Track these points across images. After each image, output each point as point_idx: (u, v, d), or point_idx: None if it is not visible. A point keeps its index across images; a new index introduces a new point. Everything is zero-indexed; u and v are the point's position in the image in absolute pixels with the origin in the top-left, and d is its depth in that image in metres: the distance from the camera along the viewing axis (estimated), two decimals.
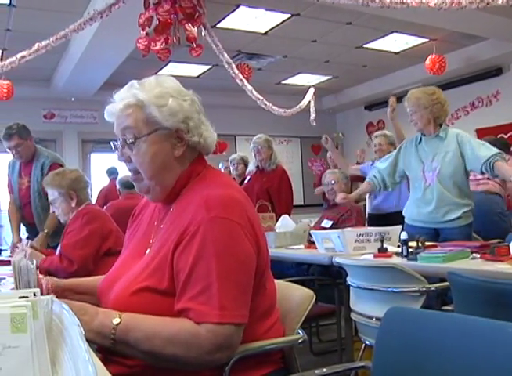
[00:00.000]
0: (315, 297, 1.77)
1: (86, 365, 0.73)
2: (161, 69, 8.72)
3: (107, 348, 1.44)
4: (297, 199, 10.94)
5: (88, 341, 1.33)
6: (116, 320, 1.42)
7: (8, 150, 4.79)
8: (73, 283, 1.90)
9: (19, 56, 5.34)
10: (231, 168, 7.02)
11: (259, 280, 1.53)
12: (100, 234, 3.34)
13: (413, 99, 3.91)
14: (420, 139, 3.99)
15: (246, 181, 6.10)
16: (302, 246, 4.24)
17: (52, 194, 3.48)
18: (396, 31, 7.62)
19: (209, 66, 8.81)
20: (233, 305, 1.40)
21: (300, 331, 1.73)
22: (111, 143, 1.69)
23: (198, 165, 1.65)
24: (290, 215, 5.32)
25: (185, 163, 1.63)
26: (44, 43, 5.27)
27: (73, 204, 3.46)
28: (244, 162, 6.82)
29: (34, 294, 1.00)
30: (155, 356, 1.40)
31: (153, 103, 1.56)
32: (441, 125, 3.91)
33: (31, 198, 4.80)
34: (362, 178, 6.55)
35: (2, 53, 7.57)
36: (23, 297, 0.99)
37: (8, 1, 5.99)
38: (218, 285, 1.38)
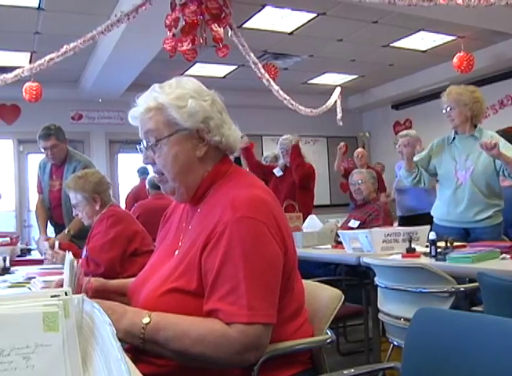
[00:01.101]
0: (343, 297, 1.77)
1: (119, 364, 0.73)
2: (188, 69, 8.76)
3: (136, 347, 1.45)
4: (324, 199, 10.95)
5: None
6: (146, 319, 1.42)
7: (43, 149, 4.81)
8: (121, 284, 1.90)
9: (47, 58, 5.41)
10: None
11: (287, 280, 1.53)
12: (126, 236, 3.35)
13: (454, 94, 3.86)
14: (453, 138, 3.94)
15: (277, 174, 6.14)
16: (329, 246, 4.23)
17: (75, 198, 3.49)
18: (423, 29, 7.54)
19: (235, 67, 8.82)
20: (262, 305, 1.40)
21: (328, 332, 1.72)
22: (137, 146, 1.73)
23: (223, 165, 1.66)
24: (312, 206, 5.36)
25: (209, 163, 1.63)
26: (72, 45, 5.33)
27: (97, 207, 3.47)
28: (277, 160, 6.82)
29: (66, 294, 1.01)
30: (184, 355, 1.41)
31: (173, 105, 1.57)
32: (475, 126, 3.87)
33: (62, 201, 4.81)
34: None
35: (31, 56, 7.68)
36: (55, 296, 1.00)
37: (37, 5, 6.07)
38: (246, 285, 1.38)
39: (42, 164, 5.07)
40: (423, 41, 8.10)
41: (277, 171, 6.21)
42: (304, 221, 4.79)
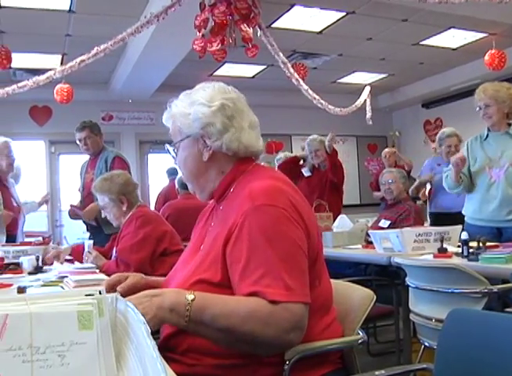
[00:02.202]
0: (375, 297, 1.76)
1: (154, 362, 0.74)
2: (217, 70, 8.79)
3: (165, 345, 1.46)
4: (354, 198, 10.89)
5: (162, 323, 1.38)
6: (190, 296, 1.43)
7: (78, 141, 5.08)
8: (159, 280, 1.90)
9: (78, 60, 5.48)
10: None
11: (311, 268, 1.53)
12: (155, 236, 3.37)
13: (491, 91, 3.81)
14: (487, 136, 3.89)
15: (305, 175, 6.14)
16: (360, 246, 4.21)
17: (103, 200, 3.53)
18: (454, 27, 7.46)
19: (264, 67, 8.82)
20: (298, 285, 1.42)
21: (360, 332, 1.71)
22: (165, 147, 1.84)
23: (243, 164, 1.72)
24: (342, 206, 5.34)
25: (223, 165, 1.71)
26: (102, 47, 5.39)
27: (124, 208, 3.50)
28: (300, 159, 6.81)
29: (100, 292, 1.02)
30: (232, 333, 1.41)
31: (180, 114, 1.71)
32: (509, 124, 3.82)
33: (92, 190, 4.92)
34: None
35: (62, 58, 7.78)
36: (89, 295, 1.01)
37: (68, 8, 6.15)
38: (279, 267, 1.41)
39: (83, 164, 5.34)
40: (453, 38, 8.01)
41: (305, 171, 6.20)
42: (334, 221, 4.77)
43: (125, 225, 3.48)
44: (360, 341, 1.69)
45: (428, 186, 5.95)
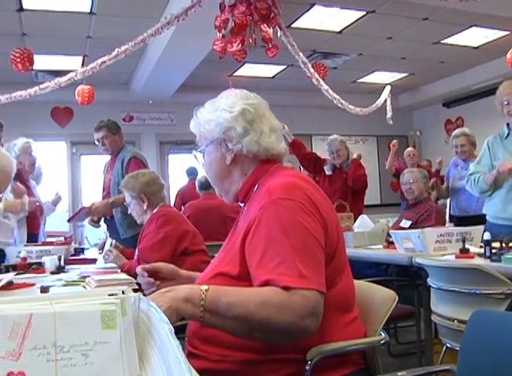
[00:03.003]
0: (397, 298, 1.75)
1: (178, 362, 0.74)
2: (237, 70, 8.80)
3: (191, 342, 1.47)
4: (374, 198, 10.84)
5: (178, 316, 1.39)
6: (204, 287, 1.45)
7: (96, 142, 5.02)
8: (192, 275, 1.96)
9: (99, 61, 5.52)
10: None
11: (329, 263, 1.54)
12: (176, 235, 3.39)
13: None
14: (508, 134, 3.85)
15: (327, 172, 6.13)
16: (381, 246, 4.18)
17: (127, 197, 3.59)
18: (475, 25, 7.39)
19: (284, 67, 8.82)
20: (312, 273, 1.43)
21: (382, 332, 1.70)
22: (197, 156, 1.92)
23: (265, 165, 1.76)
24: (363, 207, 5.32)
25: (246, 167, 1.77)
26: (123, 48, 5.42)
27: (145, 207, 3.54)
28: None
29: (123, 292, 1.03)
30: (247, 321, 1.41)
31: (204, 121, 1.79)
32: None
33: (111, 190, 4.93)
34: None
35: (83, 59, 7.84)
36: (112, 294, 1.02)
37: (88, 10, 6.21)
38: (295, 257, 1.43)
39: (105, 163, 5.28)
40: (475, 37, 7.94)
41: (327, 169, 6.18)
42: (355, 221, 4.76)
43: (147, 224, 3.51)
44: (382, 341, 1.68)
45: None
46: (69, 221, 4.79)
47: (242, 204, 1.83)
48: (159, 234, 3.36)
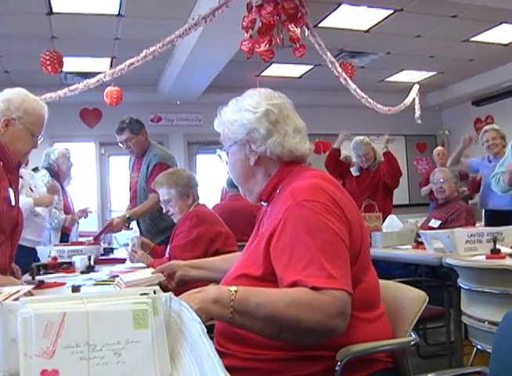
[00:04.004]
0: (427, 299, 1.73)
1: (212, 362, 0.74)
2: (264, 70, 8.81)
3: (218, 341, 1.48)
4: (403, 198, 10.74)
5: (208, 317, 1.40)
6: (233, 288, 1.46)
7: (120, 144, 4.89)
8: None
9: (128, 62, 5.56)
10: None
11: (353, 263, 1.54)
12: (208, 236, 3.40)
13: None
14: None
15: (354, 174, 6.12)
16: (409, 246, 4.15)
17: (168, 193, 3.56)
18: (505, 22, 7.26)
19: (311, 66, 8.79)
20: (339, 274, 1.43)
21: (412, 333, 1.69)
22: (221, 156, 1.94)
23: (288, 166, 1.77)
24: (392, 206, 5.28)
25: (270, 168, 1.77)
26: (151, 49, 5.46)
27: (190, 202, 3.55)
28: (347, 161, 6.76)
29: (154, 292, 1.04)
30: (277, 321, 1.42)
31: (228, 121, 1.79)
32: None
33: (137, 193, 4.86)
34: (467, 176, 6.36)
35: (112, 61, 7.91)
36: (144, 294, 1.03)
37: (116, 12, 6.26)
38: (321, 258, 1.43)
39: (130, 158, 5.15)
40: (505, 33, 7.80)
41: (354, 171, 6.17)
42: (383, 221, 4.73)
43: (180, 223, 3.52)
44: (413, 342, 1.67)
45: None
46: (95, 239, 4.75)
47: (265, 204, 1.84)
48: (192, 234, 3.37)
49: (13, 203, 2.52)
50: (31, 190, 4.38)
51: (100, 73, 5.88)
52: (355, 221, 1.61)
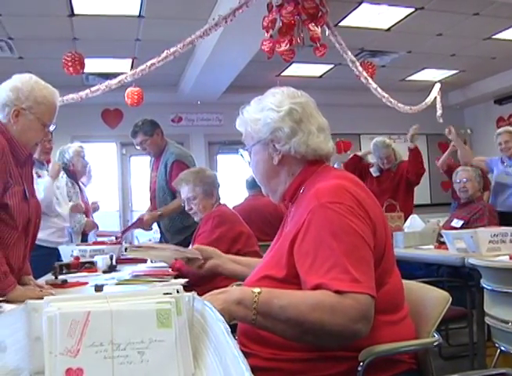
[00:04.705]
0: (450, 299, 1.72)
1: (236, 361, 0.74)
2: (284, 70, 8.80)
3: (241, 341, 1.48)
4: (424, 198, 10.67)
5: (230, 318, 1.40)
6: (256, 289, 1.46)
7: (137, 146, 4.95)
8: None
9: (149, 63, 5.59)
10: None
11: (377, 265, 1.53)
12: (230, 236, 3.40)
13: None
14: None
15: (374, 175, 6.10)
16: (431, 246, 4.12)
17: (193, 191, 3.56)
18: None
19: (332, 66, 8.77)
20: (363, 277, 1.42)
21: (435, 334, 1.68)
22: (243, 155, 1.93)
23: (312, 166, 1.75)
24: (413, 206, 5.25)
25: (294, 168, 1.76)
26: (172, 50, 5.47)
27: (213, 201, 3.56)
28: (366, 162, 6.73)
29: (178, 291, 1.04)
30: (299, 324, 1.42)
31: (251, 120, 1.78)
32: None
33: (156, 192, 4.88)
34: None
35: (133, 62, 7.96)
36: (167, 293, 1.03)
37: (137, 13, 6.30)
38: (345, 261, 1.42)
39: (150, 159, 5.18)
40: None
41: (374, 171, 6.14)
42: (405, 221, 4.70)
43: (203, 223, 3.53)
44: (436, 343, 1.66)
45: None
46: (123, 233, 4.80)
47: (289, 204, 1.83)
48: (213, 234, 3.37)
49: (26, 197, 2.46)
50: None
51: (121, 73, 5.91)
52: (379, 222, 1.60)
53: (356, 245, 1.46)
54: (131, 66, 7.93)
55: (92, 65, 7.52)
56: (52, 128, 2.58)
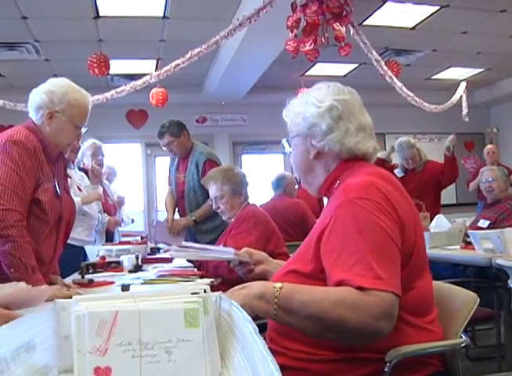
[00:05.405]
0: (478, 300, 1.70)
1: (265, 361, 0.74)
2: (308, 70, 8.78)
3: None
4: (450, 198, 10.57)
5: (252, 313, 1.40)
6: (278, 284, 1.47)
7: (163, 147, 4.95)
8: None
9: (173, 64, 5.62)
10: None
11: (406, 264, 1.52)
12: (265, 237, 3.38)
13: None
14: None
15: (398, 175, 6.05)
16: (458, 246, 4.08)
17: (221, 189, 3.53)
18: None
19: (356, 65, 8.74)
20: (387, 275, 1.41)
21: (462, 335, 1.66)
22: (285, 145, 1.97)
23: (348, 162, 1.74)
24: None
25: (329, 163, 1.76)
26: (196, 50, 5.49)
27: (242, 200, 3.54)
28: (389, 162, 6.67)
29: (205, 291, 1.04)
30: (321, 320, 1.41)
31: (293, 112, 1.81)
32: None
33: (185, 193, 4.87)
34: None
35: (157, 62, 8.01)
36: (195, 293, 1.04)
37: (162, 14, 6.34)
38: (371, 258, 1.41)
39: (172, 156, 5.15)
40: None
41: (398, 172, 6.09)
42: (431, 220, 4.67)
43: (237, 223, 3.48)
44: (463, 344, 1.64)
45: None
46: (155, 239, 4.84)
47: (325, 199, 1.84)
48: (251, 235, 3.32)
49: (57, 193, 2.55)
50: (79, 190, 4.44)
51: (146, 74, 5.96)
52: (409, 220, 1.58)
53: (382, 242, 1.45)
54: (156, 67, 7.98)
55: (117, 66, 7.58)
56: (84, 130, 2.68)
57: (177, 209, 5.13)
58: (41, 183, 2.45)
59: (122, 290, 2.44)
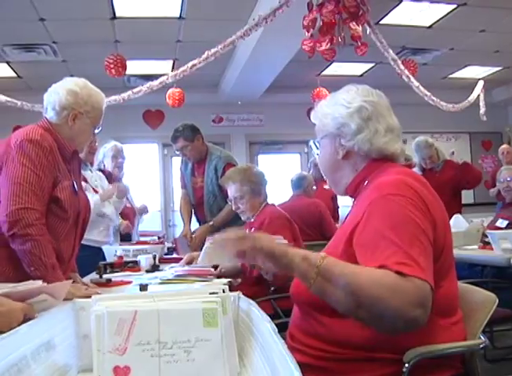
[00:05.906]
0: (497, 300, 1.69)
1: (285, 360, 0.74)
2: (325, 69, 8.75)
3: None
4: (468, 197, 10.47)
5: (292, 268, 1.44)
6: (323, 254, 1.48)
7: (176, 151, 4.92)
8: None
9: (190, 64, 5.62)
10: None
11: (435, 262, 1.50)
12: (288, 239, 3.37)
13: None
14: None
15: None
16: (476, 246, 4.05)
17: (240, 190, 3.53)
18: None
19: (372, 64, 8.70)
20: (425, 266, 1.40)
21: (481, 336, 1.65)
22: (313, 146, 2.00)
23: (376, 162, 1.76)
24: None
25: (358, 163, 1.77)
26: (213, 51, 5.49)
27: (261, 200, 3.53)
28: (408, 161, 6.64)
29: (224, 291, 1.05)
30: (357, 295, 1.38)
31: (322, 113, 1.83)
32: None
33: (204, 199, 4.83)
34: None
35: (174, 63, 8.03)
36: (213, 293, 1.04)
37: (178, 15, 6.36)
38: (406, 249, 1.40)
39: (184, 159, 5.06)
40: None
41: (416, 172, 6.07)
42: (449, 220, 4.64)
43: (260, 224, 3.46)
44: (482, 345, 1.63)
45: None
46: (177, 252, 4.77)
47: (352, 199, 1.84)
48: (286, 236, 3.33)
49: (75, 190, 2.58)
50: (95, 191, 4.44)
51: (162, 75, 5.97)
52: (440, 219, 1.58)
53: (417, 236, 1.45)
54: (172, 68, 8.00)
55: (134, 67, 7.62)
56: (97, 130, 2.72)
57: (193, 214, 5.10)
58: (58, 181, 2.47)
59: (140, 289, 2.45)
